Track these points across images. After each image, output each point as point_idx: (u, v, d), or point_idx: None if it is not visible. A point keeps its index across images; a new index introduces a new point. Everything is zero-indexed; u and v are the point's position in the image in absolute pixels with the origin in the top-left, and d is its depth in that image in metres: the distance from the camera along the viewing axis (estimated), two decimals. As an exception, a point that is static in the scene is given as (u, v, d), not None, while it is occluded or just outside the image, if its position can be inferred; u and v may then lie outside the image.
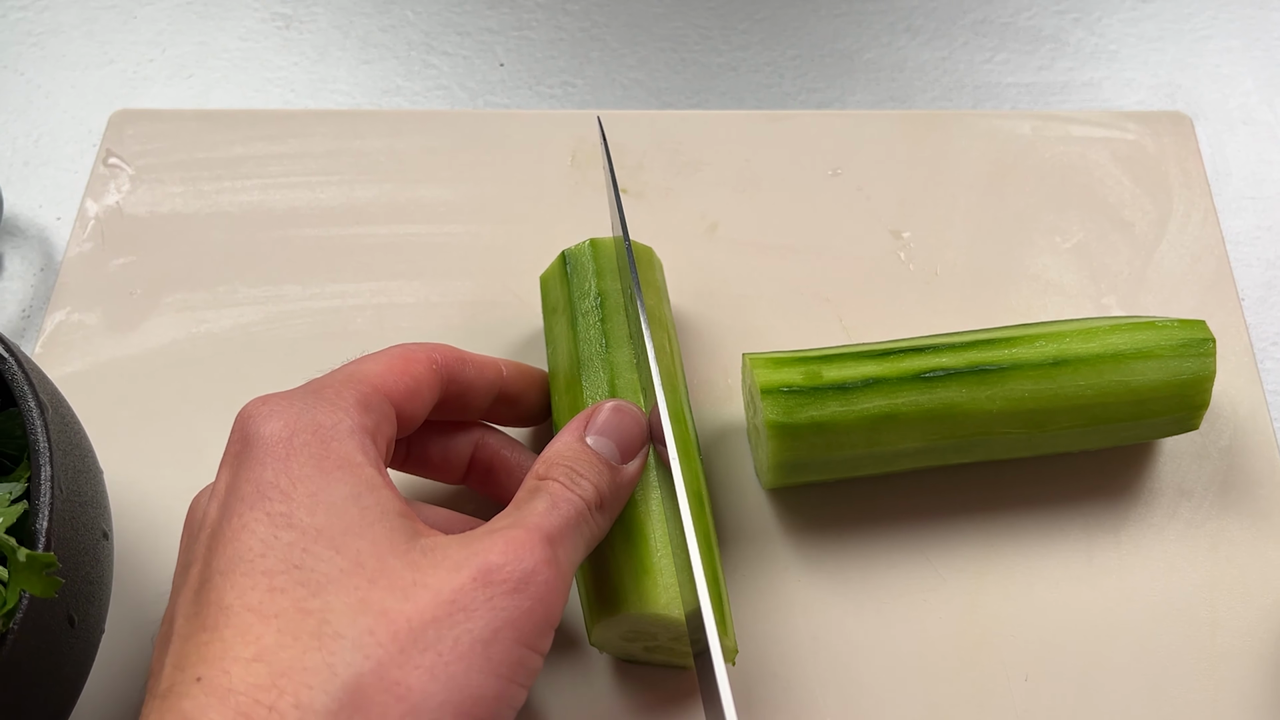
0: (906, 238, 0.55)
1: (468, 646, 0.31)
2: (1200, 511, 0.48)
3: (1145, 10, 0.66)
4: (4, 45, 0.65)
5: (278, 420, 0.35)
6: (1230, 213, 0.58)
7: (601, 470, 0.38)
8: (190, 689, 0.29)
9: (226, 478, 0.35)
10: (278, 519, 0.32)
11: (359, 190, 0.57)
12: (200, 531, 0.34)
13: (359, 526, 0.33)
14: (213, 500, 0.34)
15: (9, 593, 0.34)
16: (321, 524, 0.32)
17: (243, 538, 0.32)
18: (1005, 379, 0.44)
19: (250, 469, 0.34)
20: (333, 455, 0.34)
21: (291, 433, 0.34)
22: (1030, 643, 0.45)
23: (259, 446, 0.34)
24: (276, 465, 0.33)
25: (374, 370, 0.38)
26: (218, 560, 0.32)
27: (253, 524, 0.32)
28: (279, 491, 0.33)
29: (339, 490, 0.33)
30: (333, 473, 0.34)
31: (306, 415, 0.35)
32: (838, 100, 0.63)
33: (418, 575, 0.32)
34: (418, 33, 0.65)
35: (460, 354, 0.43)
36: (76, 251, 0.55)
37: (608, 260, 0.48)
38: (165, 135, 0.59)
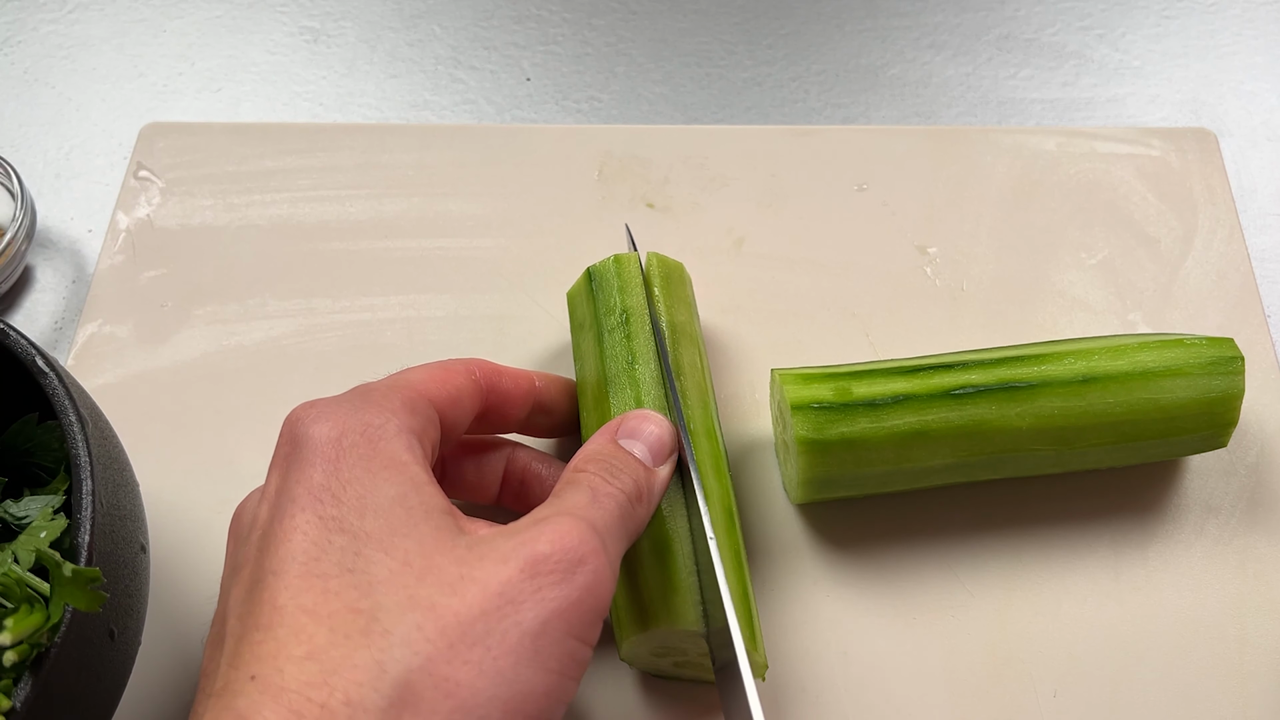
0: (932, 253, 0.55)
1: (516, 640, 0.31)
2: (1228, 528, 0.48)
3: (1169, 27, 0.66)
4: (35, 58, 0.65)
5: (326, 423, 0.35)
6: (1256, 229, 0.58)
7: (636, 466, 0.39)
8: (244, 687, 0.30)
9: (276, 480, 0.35)
10: (330, 523, 0.33)
11: (387, 204, 0.57)
12: (251, 533, 0.35)
13: (405, 526, 0.33)
14: (263, 502, 0.35)
15: (53, 607, 0.34)
16: (371, 528, 0.33)
17: (295, 539, 0.33)
18: (1035, 396, 0.44)
19: (301, 470, 0.34)
20: (380, 455, 0.35)
21: (340, 434, 0.35)
22: (1058, 659, 0.45)
23: (308, 448, 0.35)
24: (326, 467, 0.34)
25: (418, 377, 0.39)
26: (270, 561, 0.32)
27: (305, 526, 0.33)
28: (330, 495, 0.33)
29: (386, 491, 0.34)
30: (380, 473, 0.34)
31: (354, 417, 0.35)
32: (863, 116, 0.63)
33: (464, 570, 0.32)
34: (445, 47, 0.66)
35: (496, 367, 0.43)
36: (108, 264, 0.55)
37: (632, 276, 0.48)
38: (195, 148, 0.59)
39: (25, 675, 0.33)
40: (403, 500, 0.34)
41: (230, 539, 0.37)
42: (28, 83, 0.64)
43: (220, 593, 0.35)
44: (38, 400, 0.40)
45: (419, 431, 0.37)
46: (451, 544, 0.33)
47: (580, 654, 0.33)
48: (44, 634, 0.34)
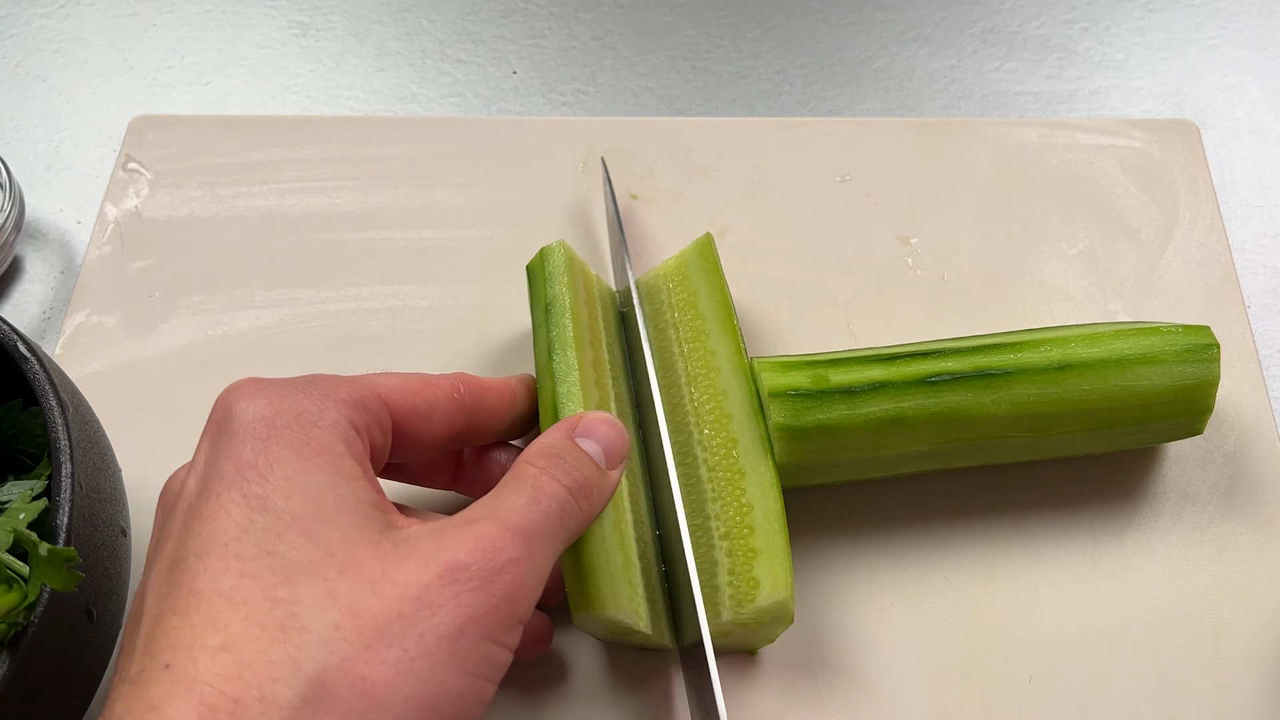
0: (914, 244, 0.56)
1: (433, 643, 0.31)
2: (1205, 516, 0.48)
3: (1153, 20, 0.66)
4: (26, 52, 0.66)
5: (261, 400, 0.35)
6: (1236, 220, 0.58)
7: (589, 464, 0.38)
8: (158, 676, 0.30)
9: (206, 451, 0.35)
10: (254, 501, 0.32)
11: (374, 195, 0.58)
12: (177, 505, 0.34)
13: (333, 514, 0.33)
14: (191, 475, 0.35)
15: (30, 586, 0.35)
16: (296, 510, 0.32)
17: (219, 519, 0.32)
18: (1010, 383, 0.44)
19: (231, 446, 0.34)
20: (312, 442, 0.34)
21: (274, 414, 0.34)
22: (1035, 645, 0.45)
23: (239, 424, 0.34)
24: (256, 445, 0.34)
25: (384, 381, 0.39)
26: (193, 540, 0.32)
27: (229, 505, 0.32)
28: (257, 473, 0.33)
29: (316, 477, 0.33)
30: (311, 459, 0.34)
31: (291, 400, 0.35)
32: (847, 109, 0.63)
33: (387, 568, 0.32)
34: (432, 41, 0.66)
35: (481, 382, 0.43)
36: (96, 254, 0.56)
37: (555, 267, 0.48)
38: (184, 141, 0.60)
39: (3, 654, 0.34)
40: (332, 488, 0.33)
41: (159, 509, 0.36)
42: (18, 76, 0.65)
43: (145, 565, 0.34)
44: (21, 387, 0.40)
45: (361, 426, 0.36)
46: (378, 538, 0.33)
47: (497, 657, 0.33)
48: (21, 613, 0.34)
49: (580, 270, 0.49)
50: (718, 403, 0.46)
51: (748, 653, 0.45)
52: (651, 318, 0.50)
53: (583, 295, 0.48)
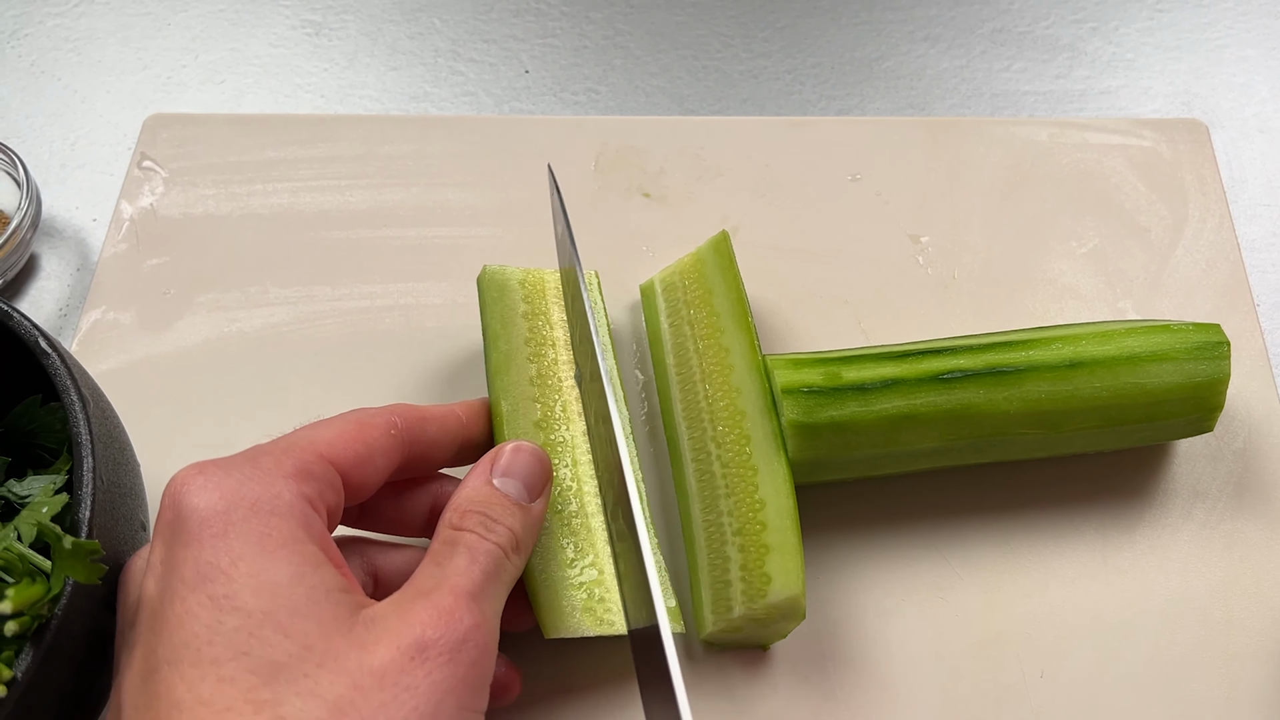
0: (925, 242, 0.56)
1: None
2: (1215, 513, 0.48)
3: (1162, 20, 0.66)
4: (42, 51, 0.66)
5: (213, 493, 0.34)
6: (1246, 219, 0.58)
7: (513, 511, 0.38)
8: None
9: (161, 552, 0.34)
10: (221, 602, 0.32)
11: (387, 194, 0.58)
12: (140, 609, 0.34)
13: (305, 606, 0.32)
14: (149, 576, 0.34)
15: (54, 580, 0.35)
16: (268, 606, 0.32)
17: (187, 624, 0.31)
18: (1022, 380, 0.45)
19: (188, 547, 0.33)
20: (273, 533, 0.33)
21: (228, 507, 0.34)
22: (1046, 640, 0.46)
23: (194, 521, 0.33)
24: (215, 543, 0.33)
25: (323, 436, 0.38)
26: (164, 648, 0.31)
27: (196, 608, 0.32)
28: (220, 572, 0.32)
29: (283, 570, 0.33)
30: (274, 552, 0.33)
31: (244, 488, 0.34)
32: (857, 108, 0.64)
33: (363, 656, 0.32)
34: (445, 40, 0.66)
35: (421, 412, 0.42)
36: (112, 252, 0.56)
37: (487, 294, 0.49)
38: (198, 139, 0.60)
39: (26, 646, 0.34)
40: (300, 579, 0.33)
41: (120, 598, 0.36)
42: (34, 75, 0.65)
43: (114, 663, 0.34)
44: (41, 383, 0.40)
45: (315, 498, 0.36)
46: (349, 623, 0.33)
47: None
48: (45, 605, 0.34)
49: (531, 282, 0.49)
50: (731, 399, 0.46)
51: (760, 648, 0.45)
52: (668, 314, 0.51)
53: (524, 309, 0.49)
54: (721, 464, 0.45)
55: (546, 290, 0.50)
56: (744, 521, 0.44)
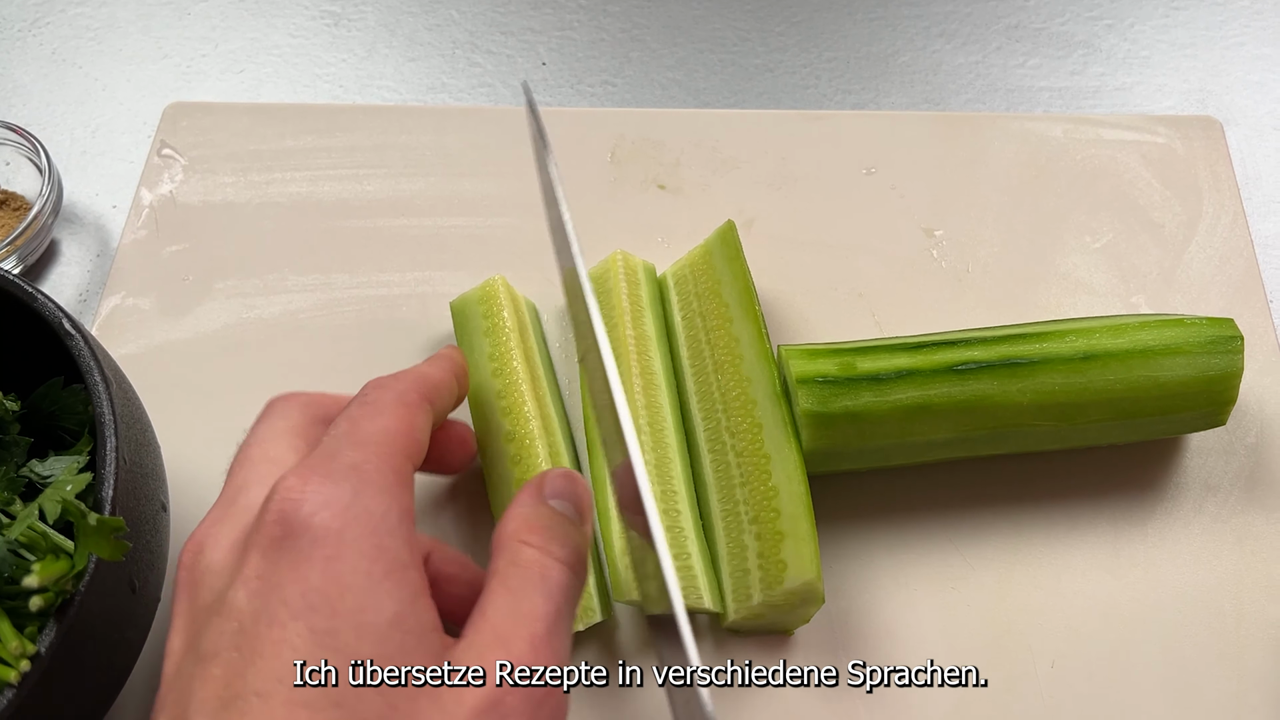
0: (939, 236, 0.56)
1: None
2: (1226, 507, 0.49)
3: (1177, 17, 0.67)
4: (64, 39, 0.67)
5: (328, 510, 0.32)
6: (1259, 216, 0.59)
7: (572, 529, 0.37)
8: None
9: (259, 564, 0.32)
10: (323, 638, 0.30)
11: (404, 183, 0.58)
12: (220, 615, 0.31)
13: (399, 655, 0.31)
14: (240, 585, 0.32)
15: (77, 556, 0.35)
16: (365, 652, 0.30)
17: (283, 653, 0.30)
18: (1036, 372, 0.45)
19: (296, 567, 0.31)
20: (383, 557, 0.32)
21: (343, 526, 0.32)
22: (1057, 631, 0.46)
23: (306, 540, 0.32)
24: (325, 567, 0.31)
25: (394, 430, 0.36)
26: (255, 677, 0.30)
27: (294, 639, 0.30)
28: (326, 603, 0.31)
29: (386, 607, 0.31)
30: (381, 582, 0.32)
31: (357, 504, 0.33)
32: (873, 102, 0.64)
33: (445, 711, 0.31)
34: (463, 32, 0.67)
35: (430, 380, 0.41)
36: (131, 239, 0.57)
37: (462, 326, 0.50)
38: (217, 128, 0.60)
39: (50, 622, 0.34)
40: (400, 623, 0.31)
41: (182, 590, 0.34)
42: (56, 63, 0.66)
43: (168, 657, 0.33)
44: (64, 365, 0.41)
45: (412, 511, 0.34)
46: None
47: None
48: (69, 581, 0.35)
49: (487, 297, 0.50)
50: (743, 389, 0.46)
51: (784, 633, 0.45)
52: (680, 307, 0.51)
53: (483, 326, 0.50)
54: (736, 453, 0.46)
55: (499, 294, 0.50)
56: (759, 509, 0.44)
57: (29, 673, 0.33)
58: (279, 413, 0.40)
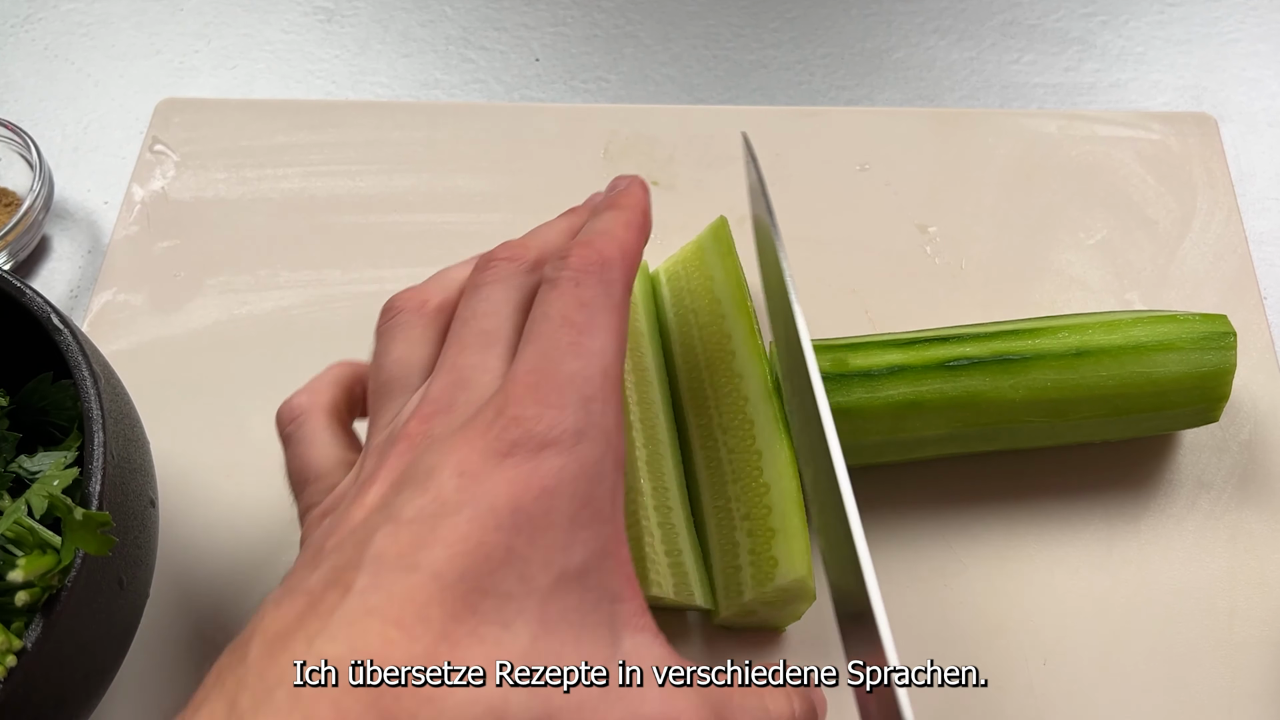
0: (933, 232, 0.56)
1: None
2: (1220, 503, 0.49)
3: (1172, 14, 0.66)
4: (55, 35, 0.67)
5: (556, 443, 0.31)
6: (1254, 213, 0.58)
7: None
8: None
9: (476, 463, 0.31)
10: (512, 557, 0.29)
11: (397, 179, 0.58)
12: (427, 492, 0.30)
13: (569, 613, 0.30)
14: (451, 471, 0.31)
15: (64, 551, 0.35)
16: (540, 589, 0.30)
17: (468, 550, 0.29)
18: (1028, 368, 0.45)
19: (511, 483, 0.30)
20: (590, 507, 0.31)
21: (564, 461, 0.31)
22: (1049, 628, 0.46)
23: (528, 459, 0.31)
24: (538, 494, 0.30)
25: (615, 354, 0.35)
26: (430, 558, 0.29)
27: (488, 545, 0.29)
28: (530, 525, 0.30)
29: (575, 556, 0.31)
30: (579, 532, 0.31)
31: (582, 445, 0.32)
32: (867, 99, 0.64)
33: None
34: (456, 28, 0.67)
35: (635, 256, 0.40)
36: (123, 234, 0.57)
37: None
38: (210, 123, 0.60)
39: (36, 617, 0.34)
40: (583, 579, 0.31)
41: (402, 445, 0.33)
42: (48, 58, 0.66)
43: (356, 503, 0.32)
44: (52, 360, 0.41)
45: (624, 458, 0.34)
46: (608, 655, 0.31)
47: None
48: (55, 576, 0.35)
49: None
50: (734, 385, 0.46)
51: (775, 629, 0.45)
52: (673, 304, 0.51)
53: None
54: (728, 449, 0.45)
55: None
56: (750, 506, 0.44)
57: (14, 668, 0.33)
58: (498, 278, 0.38)
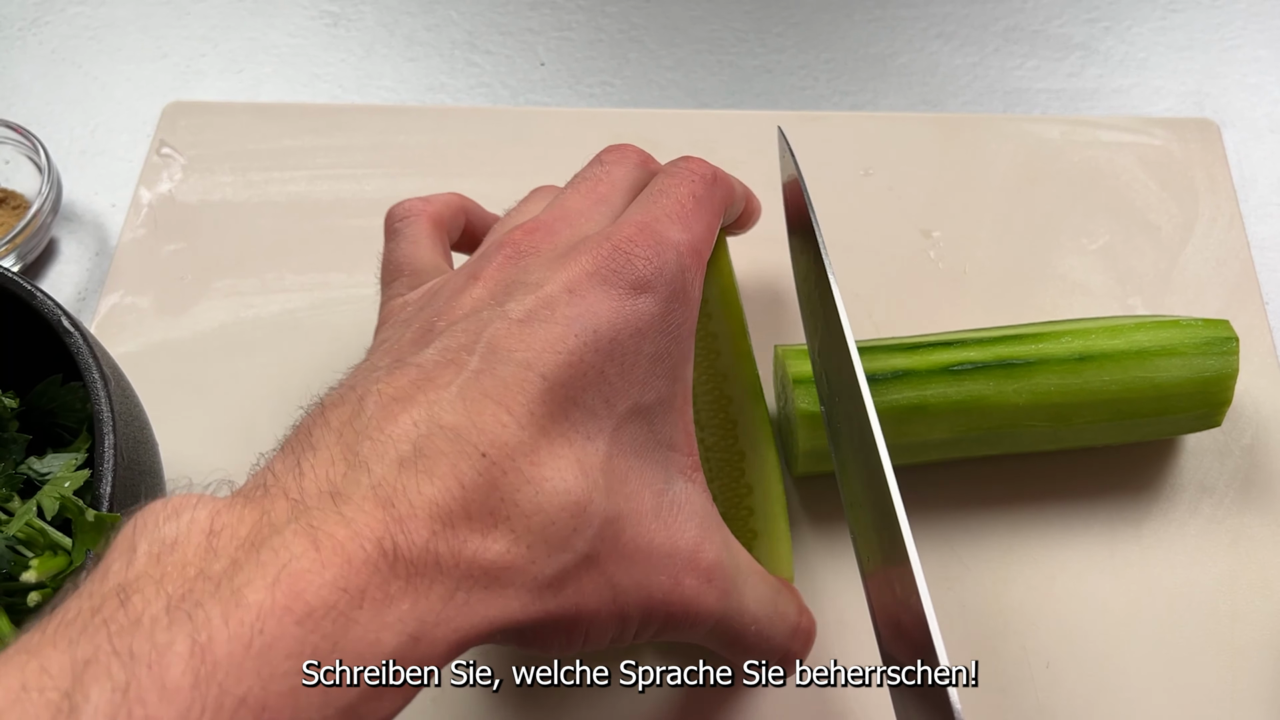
0: (936, 237, 0.56)
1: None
2: (1222, 508, 0.49)
3: (1175, 20, 0.67)
4: (63, 39, 0.67)
5: (651, 285, 0.35)
6: (1256, 218, 0.59)
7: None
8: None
9: (581, 280, 0.34)
10: (600, 375, 0.33)
11: (403, 183, 0.59)
12: (536, 294, 0.33)
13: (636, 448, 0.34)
14: (560, 283, 0.34)
15: (75, 552, 0.35)
16: (619, 411, 0.33)
17: (565, 359, 0.32)
18: (1032, 373, 0.45)
19: (611, 306, 0.34)
20: (667, 359, 0.35)
21: (654, 306, 0.35)
22: (1052, 631, 0.46)
23: (627, 289, 0.34)
24: (633, 326, 0.34)
25: (705, 241, 0.39)
26: (528, 351, 0.32)
27: (581, 356, 0.32)
28: (621, 353, 0.33)
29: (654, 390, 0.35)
30: (658, 378, 0.35)
31: (671, 301, 0.35)
32: (870, 103, 0.64)
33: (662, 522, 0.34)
34: (461, 32, 0.67)
35: (737, 194, 0.46)
36: (130, 237, 0.57)
37: None
38: (216, 127, 0.61)
39: (48, 618, 0.35)
40: (649, 416, 0.35)
41: (508, 249, 0.36)
42: (55, 62, 0.66)
43: (463, 292, 0.35)
44: (62, 363, 0.41)
45: (695, 327, 0.37)
46: (660, 489, 0.35)
47: None
48: (67, 577, 0.35)
49: None
50: (716, 384, 0.46)
51: None
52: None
53: None
54: (705, 447, 0.46)
55: None
56: (730, 506, 0.44)
57: (26, 669, 0.33)
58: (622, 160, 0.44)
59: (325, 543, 0.26)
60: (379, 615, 0.26)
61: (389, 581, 0.26)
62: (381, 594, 0.26)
